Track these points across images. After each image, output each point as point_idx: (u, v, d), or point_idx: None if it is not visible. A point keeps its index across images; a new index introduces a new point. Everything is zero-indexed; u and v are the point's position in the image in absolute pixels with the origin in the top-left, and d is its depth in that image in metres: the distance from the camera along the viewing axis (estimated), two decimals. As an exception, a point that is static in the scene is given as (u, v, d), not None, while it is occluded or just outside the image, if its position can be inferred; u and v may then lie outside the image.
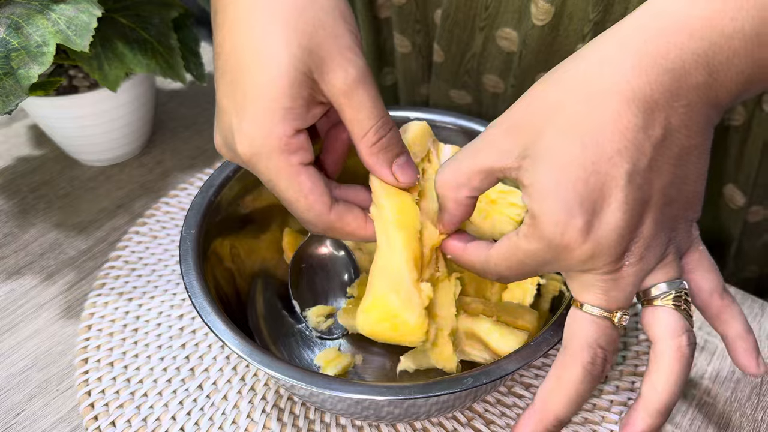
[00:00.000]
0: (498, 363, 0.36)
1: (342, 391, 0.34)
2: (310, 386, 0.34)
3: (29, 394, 0.45)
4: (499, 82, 0.55)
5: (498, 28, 0.51)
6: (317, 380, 0.35)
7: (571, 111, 0.31)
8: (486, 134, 0.34)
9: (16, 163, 0.63)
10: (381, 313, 0.37)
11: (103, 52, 0.51)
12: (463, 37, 0.53)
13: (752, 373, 0.36)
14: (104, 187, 0.60)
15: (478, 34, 0.52)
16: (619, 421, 0.44)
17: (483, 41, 0.52)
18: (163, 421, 0.43)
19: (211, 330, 0.37)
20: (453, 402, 0.39)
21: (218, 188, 0.44)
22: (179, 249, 0.41)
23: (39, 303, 0.51)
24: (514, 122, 0.33)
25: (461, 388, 0.35)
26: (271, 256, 0.49)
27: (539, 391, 0.34)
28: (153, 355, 0.47)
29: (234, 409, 0.44)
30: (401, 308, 0.36)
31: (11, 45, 0.44)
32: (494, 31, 0.51)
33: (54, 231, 0.56)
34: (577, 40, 0.48)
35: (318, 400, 0.39)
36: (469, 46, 0.53)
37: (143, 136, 0.63)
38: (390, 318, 0.36)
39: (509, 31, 0.51)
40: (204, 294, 0.39)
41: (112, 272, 0.52)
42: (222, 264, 0.45)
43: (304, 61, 0.34)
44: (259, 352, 0.36)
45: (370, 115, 0.36)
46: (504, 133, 0.33)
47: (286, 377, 0.35)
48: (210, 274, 0.41)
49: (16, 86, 0.44)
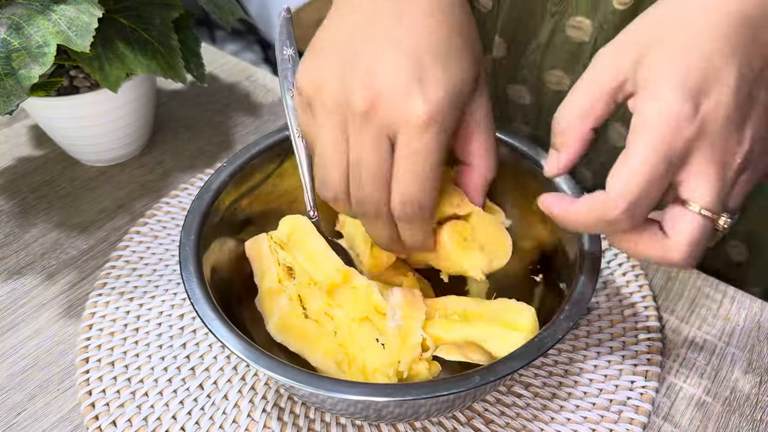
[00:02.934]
0: (503, 360, 0.36)
1: (343, 393, 0.34)
2: (314, 388, 0.34)
3: (30, 394, 0.45)
4: (564, 78, 0.54)
5: (570, 16, 0.50)
6: (319, 382, 0.35)
7: (675, 27, 0.32)
8: (596, 61, 0.34)
9: (17, 163, 0.63)
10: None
11: (104, 53, 0.52)
12: (530, 24, 0.52)
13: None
14: (105, 187, 0.60)
15: (548, 21, 0.51)
16: (617, 420, 0.44)
17: (551, 30, 0.51)
18: (164, 421, 0.43)
19: (216, 336, 0.37)
20: (453, 401, 0.40)
21: (215, 192, 0.44)
22: (179, 255, 0.41)
23: (40, 303, 0.51)
24: (621, 43, 0.34)
25: (468, 386, 0.35)
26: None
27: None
28: (154, 355, 0.47)
29: (235, 408, 0.44)
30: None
31: (12, 45, 0.44)
32: (566, 19, 0.50)
33: (55, 231, 0.56)
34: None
35: (318, 400, 0.39)
36: (536, 34, 0.52)
37: (144, 136, 0.63)
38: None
39: (581, 20, 0.50)
40: (206, 300, 0.38)
41: (113, 272, 0.52)
42: (221, 267, 0.45)
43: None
44: (265, 357, 0.36)
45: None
46: (614, 53, 0.34)
47: (290, 380, 0.35)
48: (210, 278, 0.41)
49: (17, 86, 0.44)
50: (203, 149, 0.64)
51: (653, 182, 0.32)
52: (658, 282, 0.52)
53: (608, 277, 0.52)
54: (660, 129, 0.31)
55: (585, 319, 0.49)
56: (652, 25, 0.33)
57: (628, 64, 0.33)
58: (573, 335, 0.48)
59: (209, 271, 0.42)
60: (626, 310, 0.50)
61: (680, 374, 0.47)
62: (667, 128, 0.31)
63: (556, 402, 0.45)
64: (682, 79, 0.31)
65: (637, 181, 0.32)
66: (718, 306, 0.51)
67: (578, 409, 0.44)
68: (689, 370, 0.47)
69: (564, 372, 0.46)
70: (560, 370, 0.46)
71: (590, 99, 0.34)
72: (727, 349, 0.48)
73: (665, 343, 0.49)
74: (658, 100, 0.31)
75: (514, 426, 0.43)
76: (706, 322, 0.50)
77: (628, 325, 0.49)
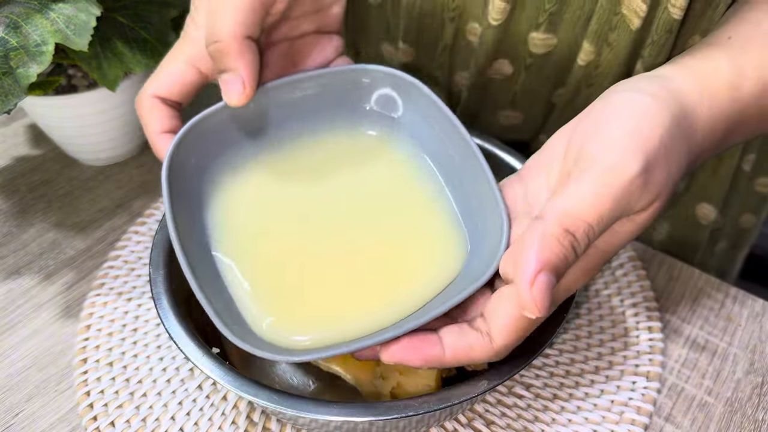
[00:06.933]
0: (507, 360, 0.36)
1: (324, 414, 0.34)
2: (297, 411, 0.34)
3: (28, 394, 0.45)
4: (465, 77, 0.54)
5: (467, 22, 0.51)
6: (303, 405, 0.35)
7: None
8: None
9: (15, 162, 0.62)
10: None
11: (102, 52, 0.51)
12: (433, 27, 0.52)
13: None
14: (103, 187, 0.60)
15: (449, 25, 0.51)
16: (619, 421, 0.44)
17: (453, 34, 0.52)
18: (162, 421, 0.43)
19: (205, 373, 0.36)
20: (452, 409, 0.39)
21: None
22: (152, 293, 0.40)
23: (38, 303, 0.51)
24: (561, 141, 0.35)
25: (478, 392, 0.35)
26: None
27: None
28: (152, 356, 0.47)
29: (233, 409, 0.44)
30: None
31: (10, 44, 0.43)
32: (464, 25, 0.51)
33: (53, 231, 0.56)
34: (530, 28, 0.48)
35: (306, 422, 0.39)
36: (440, 38, 0.53)
37: (142, 135, 0.62)
38: None
39: (475, 26, 0.50)
40: (188, 335, 0.38)
41: (111, 272, 0.52)
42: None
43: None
44: (265, 391, 0.35)
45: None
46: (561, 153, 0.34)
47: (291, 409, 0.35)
48: (187, 311, 0.40)
49: (15, 86, 0.44)
50: (202, 149, 0.64)
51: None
52: (660, 282, 0.52)
53: (609, 277, 0.52)
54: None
55: (586, 320, 0.49)
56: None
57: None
58: (574, 335, 0.48)
59: (184, 303, 0.40)
60: (628, 310, 0.50)
61: (682, 375, 0.47)
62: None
63: (557, 403, 0.44)
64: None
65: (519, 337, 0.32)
66: (719, 306, 0.51)
67: (580, 410, 0.44)
68: (691, 371, 0.47)
69: (565, 372, 0.46)
70: (561, 371, 0.46)
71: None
72: (729, 350, 0.48)
73: (667, 344, 0.48)
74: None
75: (515, 427, 0.43)
76: (707, 323, 0.50)
77: (629, 325, 0.49)
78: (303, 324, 0.36)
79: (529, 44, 0.49)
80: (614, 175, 0.30)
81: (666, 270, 0.53)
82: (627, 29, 0.44)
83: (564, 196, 0.31)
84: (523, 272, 0.29)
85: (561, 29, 0.47)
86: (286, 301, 0.37)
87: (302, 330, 0.35)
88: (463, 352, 0.32)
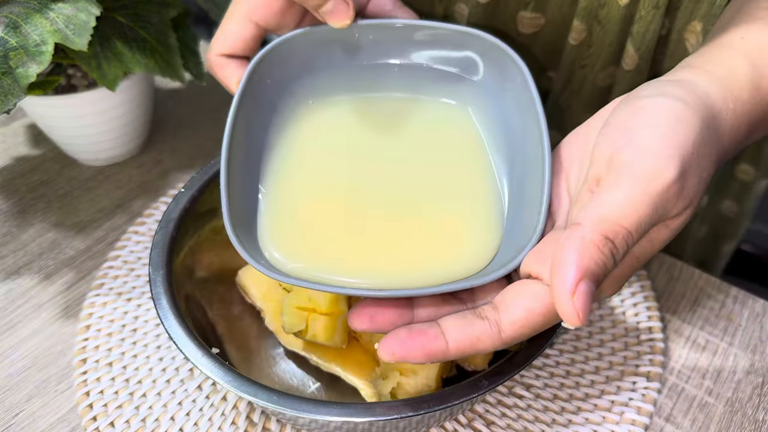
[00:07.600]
0: (508, 358, 0.36)
1: (323, 415, 0.34)
2: (298, 412, 0.35)
3: (28, 395, 0.45)
4: None
5: (455, 2, 0.51)
6: (303, 405, 0.35)
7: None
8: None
9: (15, 162, 0.62)
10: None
11: (102, 51, 0.51)
12: (422, 6, 0.53)
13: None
14: (103, 187, 0.60)
15: (437, 5, 0.52)
16: (619, 422, 0.43)
17: (442, 14, 0.52)
18: (162, 422, 0.43)
19: (205, 373, 0.36)
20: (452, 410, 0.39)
21: (177, 222, 0.43)
22: (151, 293, 0.40)
23: (38, 303, 0.51)
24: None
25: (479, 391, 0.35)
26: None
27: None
28: (152, 356, 0.47)
29: (233, 410, 0.44)
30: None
31: (9, 44, 0.43)
32: (452, 5, 0.51)
33: (53, 231, 0.56)
34: (519, 7, 0.48)
35: (306, 422, 0.39)
36: (429, 17, 0.53)
37: (142, 135, 0.62)
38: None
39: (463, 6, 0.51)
40: (188, 335, 0.38)
41: (111, 272, 0.52)
42: (195, 294, 0.44)
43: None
44: (265, 391, 0.35)
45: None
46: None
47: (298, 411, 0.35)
48: (186, 311, 0.40)
49: (15, 85, 0.44)
50: (202, 148, 0.64)
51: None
52: (660, 282, 0.52)
53: (609, 277, 0.52)
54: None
55: (586, 320, 0.49)
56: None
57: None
58: (574, 336, 0.48)
59: (184, 303, 0.41)
60: (628, 310, 0.50)
61: (682, 375, 0.47)
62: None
63: (557, 403, 0.44)
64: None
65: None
66: (720, 306, 0.51)
67: (580, 411, 0.44)
68: (691, 371, 0.47)
69: (565, 373, 0.46)
70: (562, 371, 0.46)
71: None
72: (729, 350, 0.48)
73: (667, 344, 0.48)
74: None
75: (515, 427, 0.43)
76: (708, 323, 0.50)
77: (629, 325, 0.49)
78: (306, 255, 0.36)
79: (518, 23, 0.49)
80: (651, 181, 0.30)
81: (666, 270, 0.53)
82: (616, 5, 0.45)
83: (600, 202, 0.30)
84: (562, 279, 0.28)
85: (549, 8, 0.48)
86: (301, 232, 0.37)
87: (303, 260, 0.36)
88: (469, 344, 0.31)
